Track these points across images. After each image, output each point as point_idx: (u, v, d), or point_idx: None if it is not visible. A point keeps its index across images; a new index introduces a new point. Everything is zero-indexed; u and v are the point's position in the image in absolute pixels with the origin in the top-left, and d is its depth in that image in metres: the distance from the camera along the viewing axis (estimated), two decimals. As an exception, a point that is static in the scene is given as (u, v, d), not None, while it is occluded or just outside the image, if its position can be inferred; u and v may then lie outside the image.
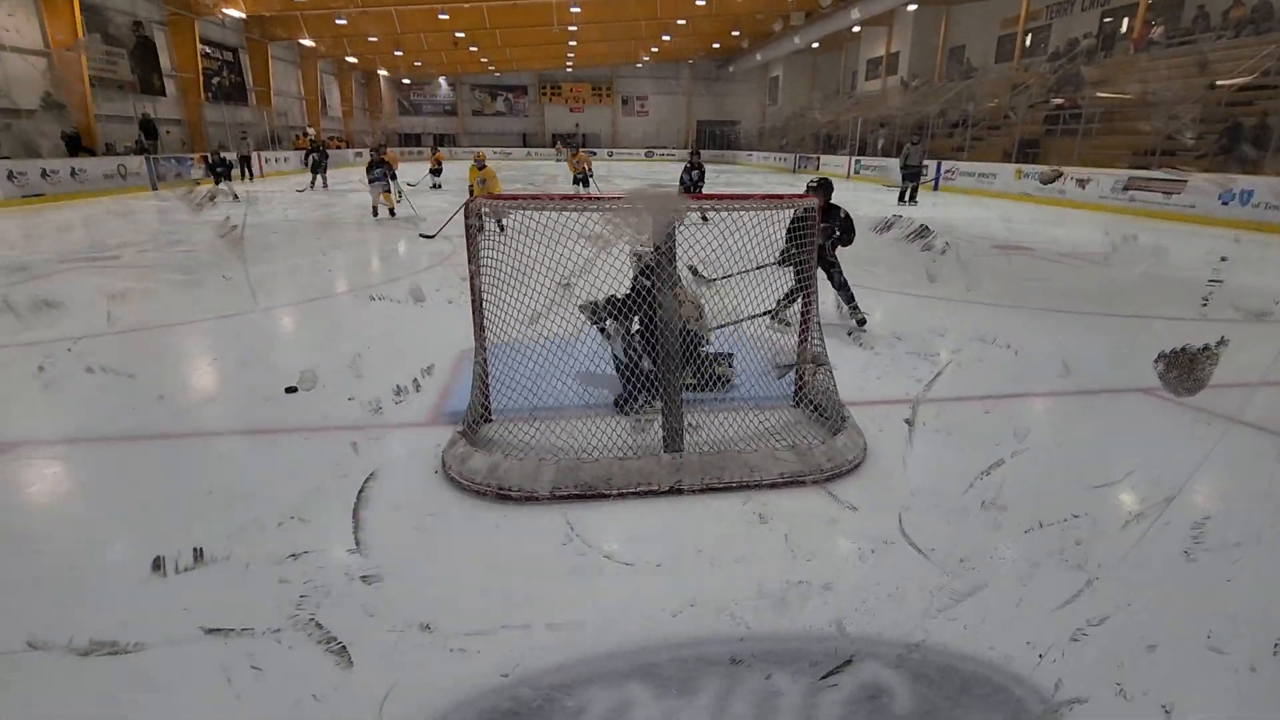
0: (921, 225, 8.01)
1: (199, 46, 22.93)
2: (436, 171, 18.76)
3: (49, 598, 2.14)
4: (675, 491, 2.76)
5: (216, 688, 1.75)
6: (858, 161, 25.88)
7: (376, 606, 2.03)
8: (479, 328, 3.10)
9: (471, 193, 9.69)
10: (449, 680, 1.79)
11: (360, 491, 2.71)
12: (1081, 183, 14.93)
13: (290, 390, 3.78)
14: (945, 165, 20.16)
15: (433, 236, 8.34)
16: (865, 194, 18.62)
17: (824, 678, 1.86)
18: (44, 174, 15.15)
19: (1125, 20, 20.58)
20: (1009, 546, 2.41)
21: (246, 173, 21.36)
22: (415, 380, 3.87)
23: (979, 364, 4.37)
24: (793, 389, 3.57)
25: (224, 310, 5.78)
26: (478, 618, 2.01)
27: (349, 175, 24.18)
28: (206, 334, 5.21)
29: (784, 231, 3.47)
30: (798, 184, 23.67)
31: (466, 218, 3.06)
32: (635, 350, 3.45)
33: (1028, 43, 24.06)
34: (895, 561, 2.31)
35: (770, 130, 39.53)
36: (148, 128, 19.68)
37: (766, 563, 2.30)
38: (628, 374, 3.46)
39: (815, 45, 33.52)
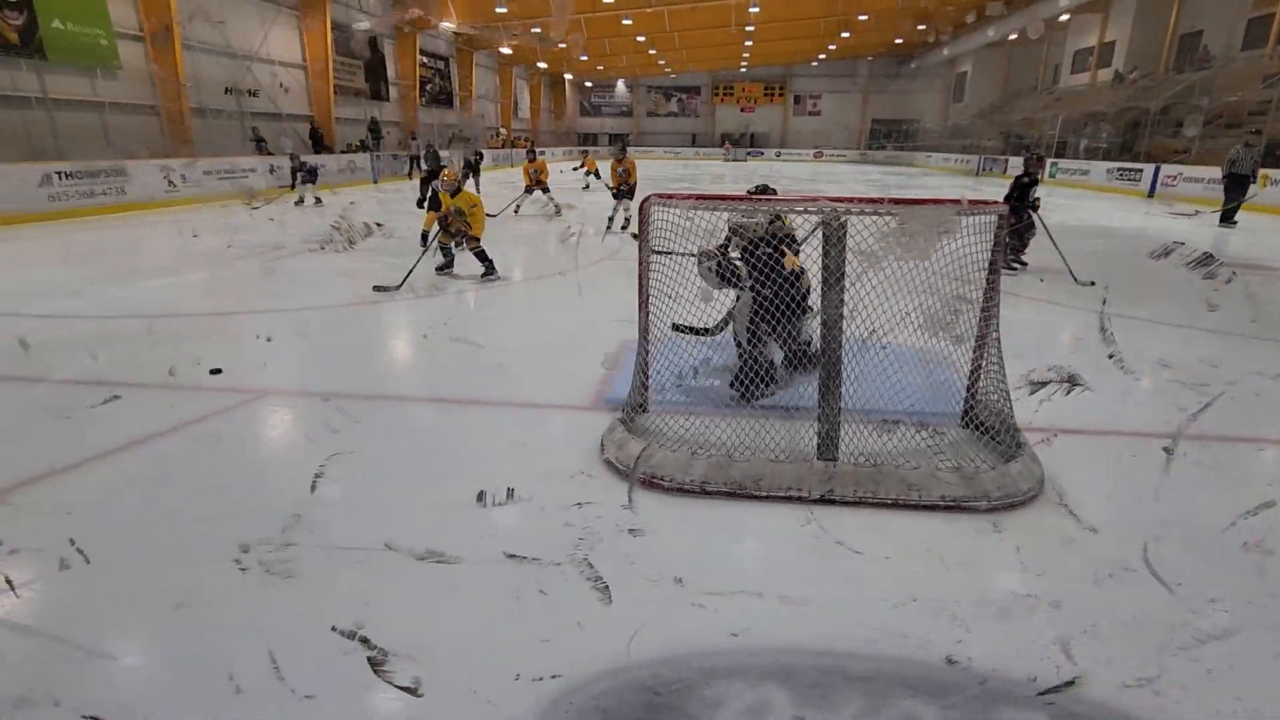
0: (1205, 254, 7.12)
1: (418, 57, 25.82)
2: (593, 174, 19.16)
3: (404, 513, 2.73)
4: (826, 501, 2.75)
5: (508, 602, 2.16)
6: (1054, 164, 23.53)
7: (637, 556, 2.37)
8: (644, 322, 3.27)
9: (445, 224, 6.81)
10: (689, 630, 2.05)
11: (637, 459, 2.99)
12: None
13: (214, 372, 4.20)
14: (1165, 170, 17.81)
15: (396, 288, 6.48)
16: (1060, 200, 16.88)
17: (1042, 694, 1.87)
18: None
19: None
20: (1272, 595, 2.24)
21: (415, 170, 23.34)
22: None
23: (1256, 399, 3.95)
24: (960, 408, 3.37)
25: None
26: (719, 579, 2.27)
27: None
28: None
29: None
30: (981, 188, 22.07)
31: (641, 218, 3.16)
32: (758, 334, 3.53)
33: (1290, 26, 20.47)
34: (1134, 591, 2.24)
35: (953, 130, 36.94)
36: (374, 129, 22.51)
37: (995, 572, 2.33)
38: (751, 359, 3.57)
39: (1012, 37, 30.80)
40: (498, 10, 24.72)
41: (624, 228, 10.39)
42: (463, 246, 6.93)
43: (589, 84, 47.06)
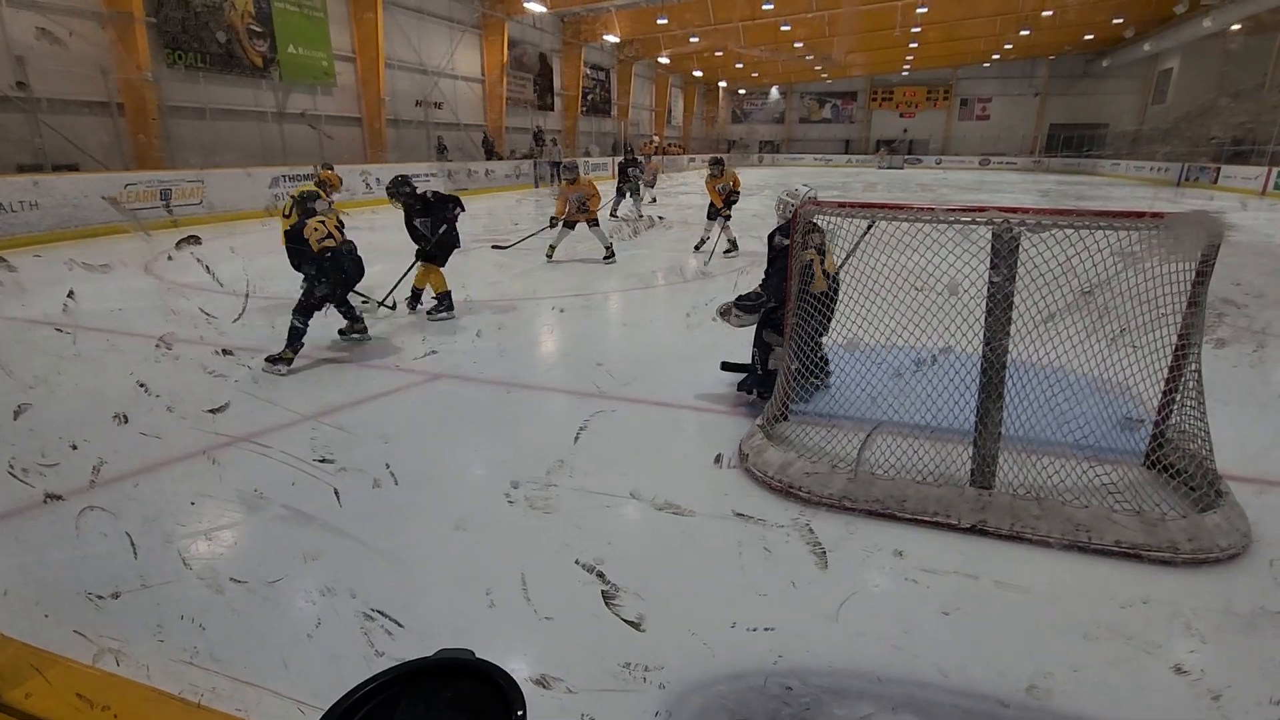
0: None
1: (582, 69, 27.27)
2: (650, 184, 17.49)
3: (650, 467, 3.13)
4: (977, 531, 2.57)
5: (731, 555, 2.40)
6: (1282, 175, 20.27)
7: (857, 528, 2.52)
8: (788, 328, 3.24)
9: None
10: (900, 602, 2.15)
11: (868, 437, 3.01)
12: None
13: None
14: None
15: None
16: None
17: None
18: (468, 173, 19.65)
19: None
20: None
21: (557, 179, 24.01)
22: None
23: None
24: (1145, 446, 2.98)
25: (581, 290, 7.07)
26: (936, 559, 2.36)
27: (681, 179, 26.53)
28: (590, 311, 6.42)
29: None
30: (1184, 201, 19.54)
31: (794, 223, 3.12)
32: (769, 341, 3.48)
33: None
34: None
35: (1150, 134, 32.97)
36: (538, 138, 24.05)
37: (1239, 580, 2.24)
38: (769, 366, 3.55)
39: (1235, 27, 26.96)
40: (658, 21, 25.52)
41: (607, 257, 8.25)
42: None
43: (742, 91, 47.10)
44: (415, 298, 5.81)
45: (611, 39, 26.75)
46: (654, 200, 16.69)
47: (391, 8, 18.13)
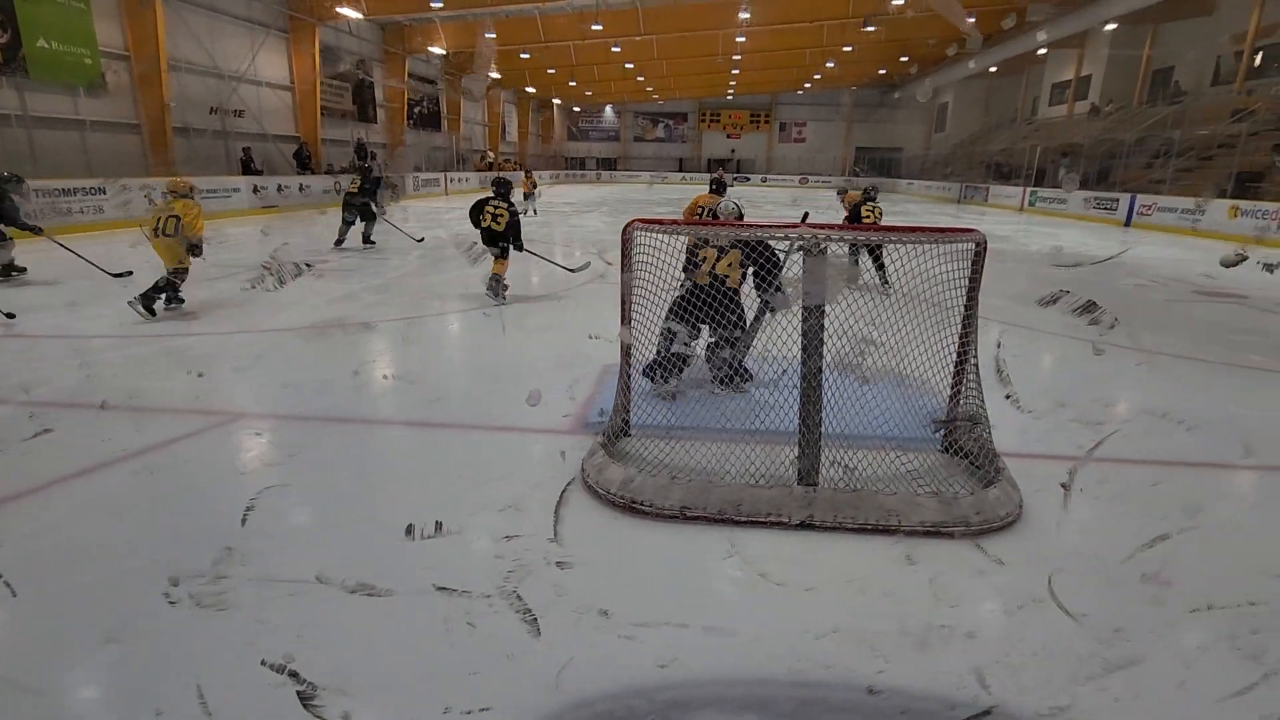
0: (1089, 301, 7.35)
1: (407, 80, 26.09)
2: (529, 196, 18.26)
3: (337, 545, 2.73)
4: (806, 526, 2.78)
5: (438, 634, 2.19)
6: (1033, 193, 24.20)
7: (566, 589, 2.40)
8: (625, 345, 3.29)
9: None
10: (618, 661, 2.10)
11: (562, 492, 3.08)
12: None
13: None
14: (1141, 200, 18.32)
15: None
16: (1040, 228, 17.29)
17: (961, 723, 1.95)
18: (279, 189, 18.03)
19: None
20: (1171, 624, 2.33)
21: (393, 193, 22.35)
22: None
23: (1148, 435, 4.05)
24: (941, 434, 3.45)
25: (416, 314, 6.69)
26: (646, 611, 2.31)
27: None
28: (429, 336, 6.04)
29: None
30: (963, 216, 22.66)
31: (624, 242, 3.18)
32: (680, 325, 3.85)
33: (1257, 62, 21.14)
34: (1043, 621, 2.32)
35: (935, 159, 37.78)
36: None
37: (910, 603, 2.40)
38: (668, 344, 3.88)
39: (993, 69, 31.69)
40: (487, 35, 25.12)
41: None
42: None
43: (577, 109, 47.60)
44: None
45: (437, 51, 25.90)
46: (535, 213, 17.46)
47: (174, 2, 16.23)
